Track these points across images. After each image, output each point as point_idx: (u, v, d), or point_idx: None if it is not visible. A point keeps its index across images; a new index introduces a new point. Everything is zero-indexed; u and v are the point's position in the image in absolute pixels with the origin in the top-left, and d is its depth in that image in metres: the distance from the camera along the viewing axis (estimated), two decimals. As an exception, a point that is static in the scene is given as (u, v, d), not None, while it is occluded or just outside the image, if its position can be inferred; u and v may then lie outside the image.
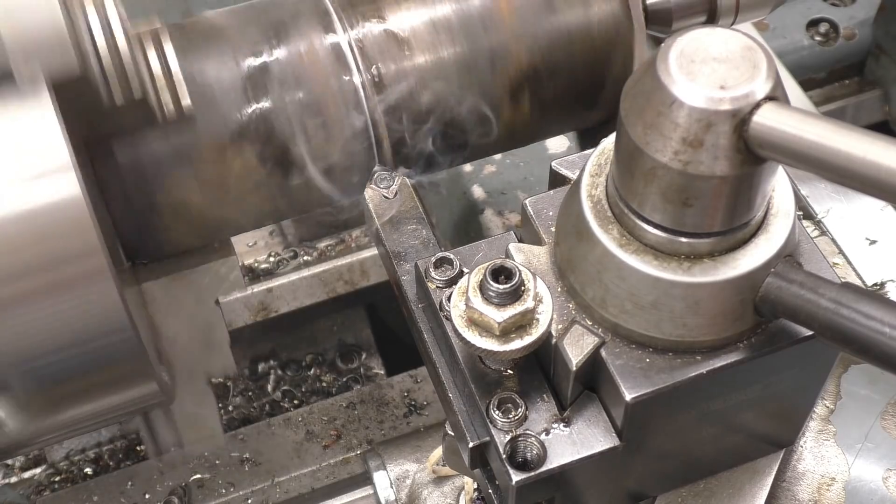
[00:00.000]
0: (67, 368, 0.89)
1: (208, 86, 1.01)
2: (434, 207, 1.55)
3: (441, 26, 1.06)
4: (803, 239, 0.86)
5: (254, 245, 1.80)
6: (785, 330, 0.84)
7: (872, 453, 1.03)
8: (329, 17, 1.05)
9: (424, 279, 0.91)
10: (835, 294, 0.75)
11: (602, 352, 0.83)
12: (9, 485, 1.63)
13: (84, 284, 0.85)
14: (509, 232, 0.95)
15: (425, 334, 0.93)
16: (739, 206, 0.77)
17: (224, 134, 1.02)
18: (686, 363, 0.83)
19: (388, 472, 1.27)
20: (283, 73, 1.03)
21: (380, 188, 1.04)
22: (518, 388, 0.86)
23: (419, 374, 1.65)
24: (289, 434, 1.58)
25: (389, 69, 1.04)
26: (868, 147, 0.66)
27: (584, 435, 0.85)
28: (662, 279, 0.79)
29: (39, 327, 0.85)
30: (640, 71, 0.76)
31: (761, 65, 0.73)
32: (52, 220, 0.82)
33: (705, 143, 0.72)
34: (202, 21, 1.06)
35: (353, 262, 1.77)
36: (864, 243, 1.17)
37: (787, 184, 0.84)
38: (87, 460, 1.66)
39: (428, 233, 1.01)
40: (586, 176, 0.85)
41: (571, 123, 1.18)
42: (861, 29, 1.90)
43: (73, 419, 0.97)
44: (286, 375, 1.80)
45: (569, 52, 1.08)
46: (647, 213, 0.79)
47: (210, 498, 1.48)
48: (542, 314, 0.82)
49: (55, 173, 0.82)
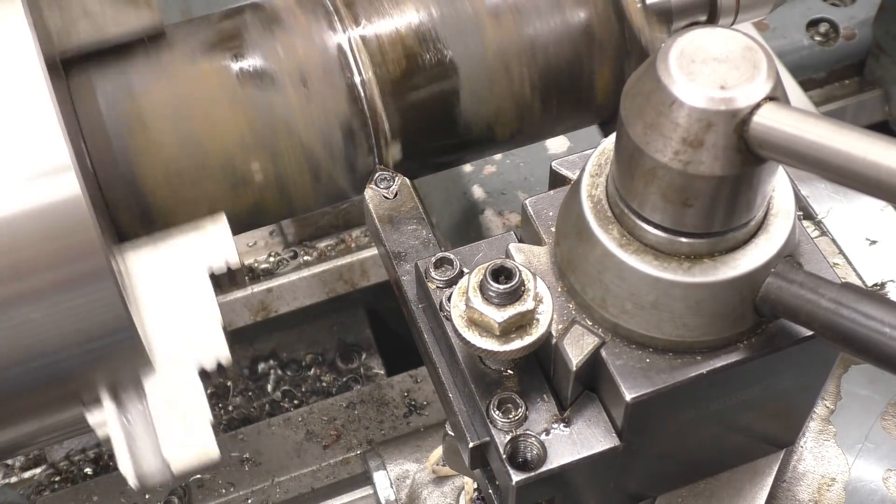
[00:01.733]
0: (67, 368, 0.89)
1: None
2: (434, 208, 1.56)
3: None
4: (803, 239, 0.86)
5: (254, 245, 1.80)
6: (785, 330, 0.84)
7: (873, 453, 1.03)
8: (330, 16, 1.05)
9: (424, 279, 0.91)
10: (835, 294, 0.75)
11: (602, 352, 0.83)
12: (9, 485, 1.63)
13: (84, 284, 0.85)
14: (509, 232, 0.95)
15: (425, 334, 0.93)
16: (739, 206, 0.77)
17: (196, 45, 1.01)
18: (686, 363, 0.82)
19: (388, 472, 1.27)
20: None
21: (380, 188, 1.04)
22: (518, 389, 0.86)
23: (419, 374, 1.65)
24: (289, 434, 1.58)
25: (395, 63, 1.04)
26: (868, 147, 0.66)
27: (585, 435, 0.85)
28: (662, 279, 0.79)
29: (39, 327, 0.85)
30: (640, 71, 0.76)
31: (761, 65, 0.73)
32: (52, 220, 0.82)
33: (705, 144, 0.72)
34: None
35: (353, 262, 1.77)
36: (865, 243, 1.17)
37: (788, 184, 0.84)
38: (87, 460, 1.66)
39: (428, 233, 1.01)
40: (586, 176, 0.85)
41: (576, 122, 1.18)
42: (861, 29, 1.90)
43: (73, 419, 0.97)
44: (286, 375, 1.80)
45: (573, 50, 1.08)
46: (647, 213, 0.79)
47: (210, 498, 1.49)
48: (542, 314, 0.82)
49: (55, 173, 0.82)
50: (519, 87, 1.07)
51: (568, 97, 1.10)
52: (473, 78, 1.05)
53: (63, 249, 0.83)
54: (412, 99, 1.05)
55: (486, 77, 1.06)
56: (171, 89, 0.99)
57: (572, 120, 1.16)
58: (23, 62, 0.82)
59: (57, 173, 0.82)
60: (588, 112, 1.14)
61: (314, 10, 1.05)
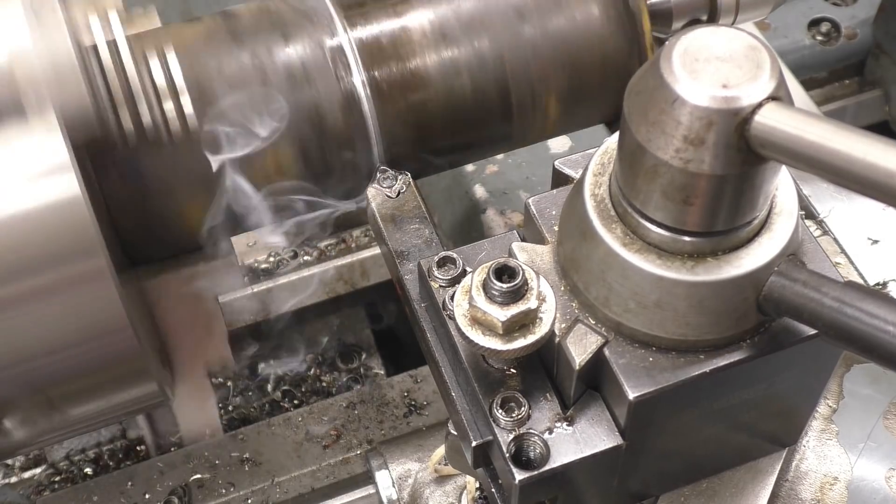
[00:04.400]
0: (67, 368, 0.89)
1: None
2: (436, 207, 1.56)
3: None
4: (806, 238, 0.86)
5: (254, 245, 1.80)
6: (788, 329, 0.84)
7: (875, 453, 1.03)
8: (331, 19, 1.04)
9: (427, 278, 0.91)
10: (838, 293, 0.75)
11: (605, 351, 0.83)
12: (9, 485, 1.63)
13: (84, 284, 0.85)
14: (512, 231, 0.95)
15: (428, 333, 0.93)
16: (742, 205, 0.77)
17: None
18: (689, 362, 0.82)
19: (390, 472, 1.27)
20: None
21: (383, 187, 1.04)
22: (521, 387, 0.86)
23: (419, 374, 1.65)
24: (289, 434, 1.57)
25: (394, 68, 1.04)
26: (868, 149, 0.66)
27: (587, 434, 0.85)
28: (666, 278, 0.79)
29: (40, 327, 0.85)
30: (643, 69, 0.76)
31: (765, 64, 0.72)
32: (52, 220, 0.82)
33: (707, 142, 0.72)
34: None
35: (353, 262, 1.77)
36: (867, 243, 1.17)
37: (791, 183, 0.84)
38: (87, 460, 1.66)
39: (431, 232, 1.01)
40: (589, 175, 0.85)
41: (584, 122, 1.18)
42: (862, 29, 1.90)
43: (74, 419, 0.97)
44: (286, 375, 1.80)
45: (577, 51, 1.08)
46: (650, 211, 0.79)
47: (210, 498, 1.48)
48: (545, 313, 0.82)
49: (55, 173, 0.82)
50: (525, 92, 1.08)
51: (575, 105, 1.11)
52: (476, 89, 1.06)
53: (63, 249, 0.83)
54: (413, 101, 1.05)
55: (489, 89, 1.06)
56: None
57: (577, 125, 1.17)
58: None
59: (57, 173, 0.82)
60: (596, 120, 1.15)
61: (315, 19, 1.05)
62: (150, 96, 0.96)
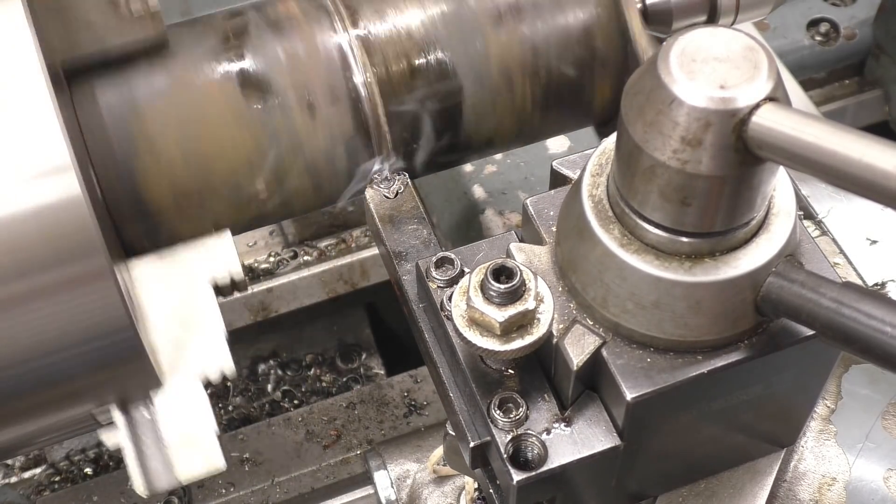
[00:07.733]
0: (67, 369, 0.89)
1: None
2: (434, 207, 1.56)
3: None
4: (804, 239, 0.86)
5: (254, 245, 1.80)
6: (786, 329, 0.84)
7: (873, 453, 1.03)
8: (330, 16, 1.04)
9: (425, 279, 0.91)
10: (836, 293, 0.75)
11: (603, 351, 0.83)
12: (9, 485, 1.63)
13: (84, 284, 0.85)
14: (510, 232, 0.95)
15: (426, 334, 0.93)
16: (739, 205, 0.77)
17: (200, 56, 1.01)
18: (687, 363, 0.82)
19: (388, 472, 1.27)
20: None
21: (381, 188, 1.04)
22: (519, 388, 0.86)
23: (419, 374, 1.65)
24: (289, 434, 1.58)
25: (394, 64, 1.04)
26: (865, 150, 0.66)
27: (585, 434, 0.85)
28: (664, 279, 0.79)
29: (40, 327, 0.85)
30: (641, 69, 0.76)
31: (762, 65, 0.72)
32: (52, 220, 0.82)
33: (704, 143, 0.72)
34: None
35: (353, 262, 1.77)
36: (865, 243, 1.17)
37: (789, 183, 0.84)
38: (87, 460, 1.66)
39: (429, 232, 1.01)
40: (587, 175, 0.85)
41: (575, 122, 1.18)
42: (861, 29, 1.90)
43: (73, 419, 0.97)
44: (286, 375, 1.81)
45: (570, 49, 1.08)
46: (647, 212, 0.79)
47: (210, 498, 1.49)
48: (543, 314, 0.82)
49: (55, 173, 0.82)
50: (520, 100, 1.08)
51: (568, 109, 1.11)
52: (475, 90, 1.06)
53: (63, 249, 0.83)
54: (413, 102, 1.05)
55: (487, 89, 1.06)
56: (176, 108, 0.99)
57: (569, 127, 1.17)
58: (23, 64, 0.82)
59: (57, 173, 0.82)
60: (587, 119, 1.15)
61: (317, 15, 1.05)
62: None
